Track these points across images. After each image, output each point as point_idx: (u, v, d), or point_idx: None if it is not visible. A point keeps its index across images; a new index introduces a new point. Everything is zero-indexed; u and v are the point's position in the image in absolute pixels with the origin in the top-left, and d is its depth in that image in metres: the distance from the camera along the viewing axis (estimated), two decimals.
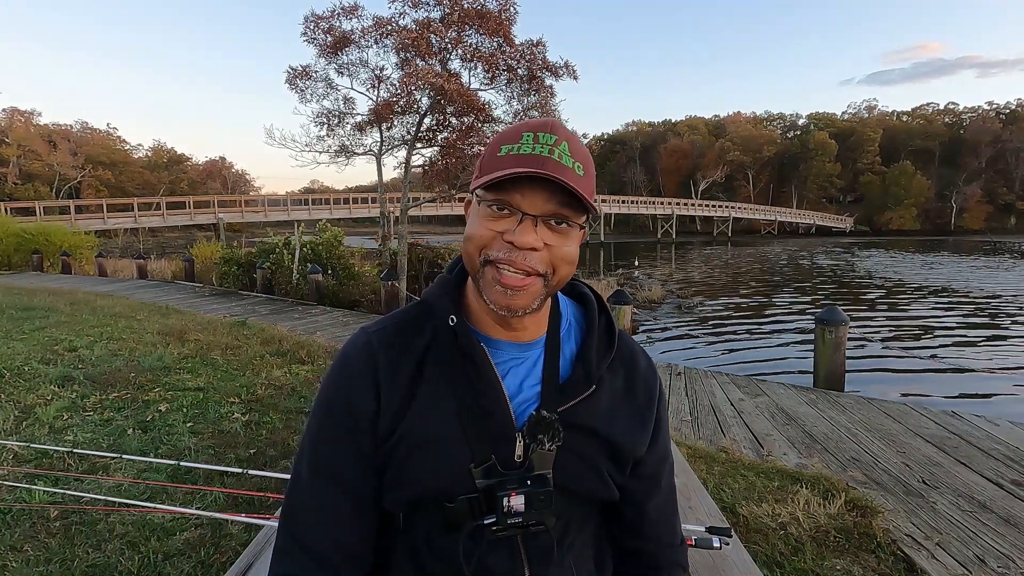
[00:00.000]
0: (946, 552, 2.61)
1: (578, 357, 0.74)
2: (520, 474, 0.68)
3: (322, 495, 0.71)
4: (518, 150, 0.64)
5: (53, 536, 2.52)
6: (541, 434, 0.68)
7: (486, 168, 0.66)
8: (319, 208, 34.81)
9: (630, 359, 0.78)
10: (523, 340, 0.73)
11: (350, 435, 0.70)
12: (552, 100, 11.98)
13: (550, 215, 0.64)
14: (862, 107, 73.92)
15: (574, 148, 0.65)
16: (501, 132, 0.69)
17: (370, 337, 0.73)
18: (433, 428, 0.69)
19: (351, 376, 0.71)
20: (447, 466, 0.68)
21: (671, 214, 49.53)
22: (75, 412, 4.09)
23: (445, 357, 0.70)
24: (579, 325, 0.78)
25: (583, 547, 0.76)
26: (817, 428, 4.36)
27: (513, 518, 0.66)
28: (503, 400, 0.69)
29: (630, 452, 0.75)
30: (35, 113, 54.46)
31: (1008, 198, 58.83)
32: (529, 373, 0.72)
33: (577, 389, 0.71)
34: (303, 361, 5.80)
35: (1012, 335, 10.41)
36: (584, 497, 0.74)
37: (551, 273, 0.66)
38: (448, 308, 0.72)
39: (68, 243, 18.48)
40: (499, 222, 0.64)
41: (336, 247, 12.59)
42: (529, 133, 0.65)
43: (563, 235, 0.65)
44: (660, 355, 8.88)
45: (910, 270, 23.25)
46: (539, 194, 0.63)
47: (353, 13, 11.81)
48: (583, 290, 0.81)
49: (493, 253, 0.64)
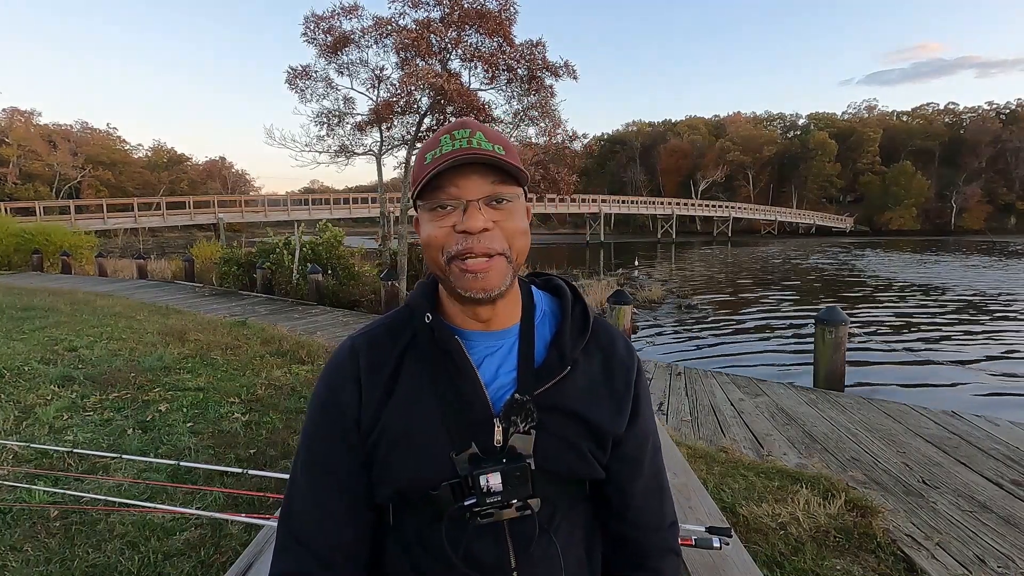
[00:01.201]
0: (946, 552, 2.61)
1: (552, 342, 0.76)
2: (499, 457, 0.70)
3: (318, 493, 0.74)
4: (440, 152, 0.68)
5: (53, 536, 2.52)
6: (515, 416, 0.70)
7: (418, 177, 0.70)
8: (319, 208, 34.78)
9: (608, 342, 0.80)
10: (495, 328, 0.75)
11: (341, 433, 0.74)
12: (552, 100, 12.01)
13: (488, 195, 0.68)
14: (862, 107, 74.06)
15: (490, 135, 0.70)
16: (423, 145, 0.74)
17: (354, 341, 0.78)
18: (413, 421, 0.71)
19: (337, 381, 0.75)
20: (429, 456, 0.70)
21: (671, 214, 49.51)
22: (75, 412, 4.09)
23: (424, 353, 0.74)
24: (554, 315, 0.81)
25: (571, 531, 0.77)
26: (817, 428, 4.36)
27: (492, 497, 0.68)
28: (479, 388, 0.72)
29: (609, 431, 0.76)
30: (35, 113, 54.65)
31: (1008, 198, 58.86)
32: (504, 360, 0.75)
33: (552, 372, 0.73)
34: (303, 361, 5.79)
35: (1008, 330, 10.46)
36: (567, 477, 0.75)
37: (509, 249, 0.70)
38: (425, 307, 0.75)
39: (68, 243, 18.48)
40: (446, 218, 0.68)
41: (336, 247, 12.60)
42: (446, 135, 0.70)
43: (507, 211, 0.69)
44: (660, 355, 8.88)
45: (910, 270, 23.26)
46: (471, 180, 0.68)
47: (353, 13, 11.83)
48: (557, 283, 0.84)
49: (453, 248, 0.68)
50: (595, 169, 68.69)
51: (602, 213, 45.41)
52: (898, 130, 65.99)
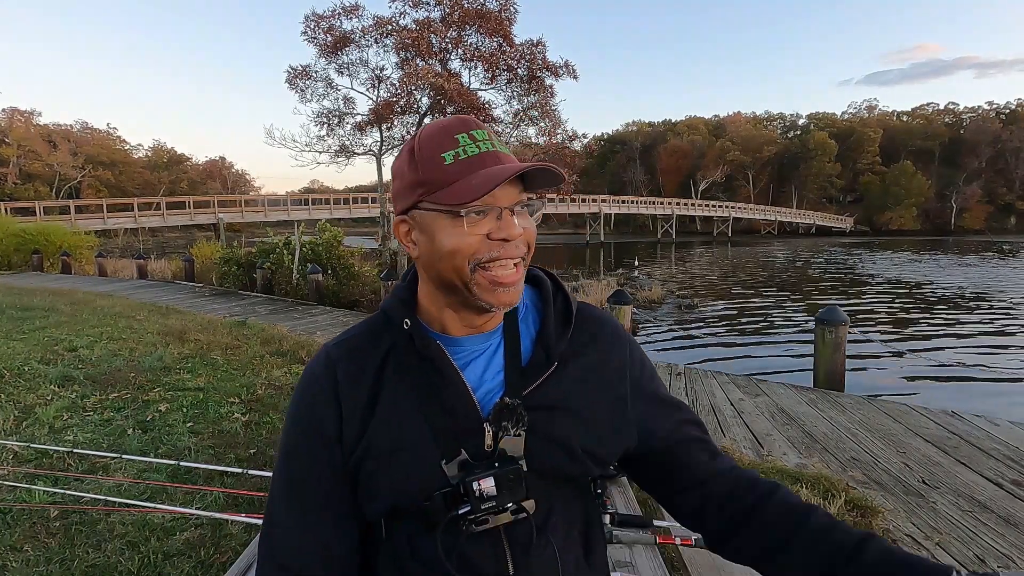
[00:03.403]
0: (946, 552, 2.61)
1: (537, 338, 0.74)
2: (490, 461, 0.68)
3: (298, 512, 0.71)
4: (465, 153, 0.65)
5: (53, 536, 2.51)
6: (505, 421, 0.68)
7: (440, 181, 0.65)
8: (319, 208, 34.78)
9: (594, 328, 0.78)
10: (484, 331, 0.73)
11: (319, 453, 0.71)
12: (552, 100, 12.01)
13: (518, 202, 0.68)
14: (862, 107, 74.04)
15: (493, 136, 0.69)
16: (425, 141, 0.67)
17: (329, 351, 0.74)
18: (399, 434, 0.69)
19: (314, 394, 0.72)
20: (418, 468, 0.68)
21: (671, 214, 49.50)
22: (75, 412, 4.09)
23: (405, 361, 0.71)
24: (535, 307, 0.78)
25: (567, 531, 0.75)
26: (817, 428, 4.35)
27: (487, 503, 0.66)
28: (466, 393, 0.70)
29: (609, 421, 0.74)
30: (35, 113, 54.68)
31: (1008, 198, 58.87)
32: (490, 362, 0.73)
33: (539, 370, 0.72)
34: (303, 361, 5.79)
35: (1008, 331, 10.47)
36: (559, 476, 0.73)
37: (528, 253, 0.70)
38: (402, 313, 0.73)
39: (68, 243, 18.48)
40: (479, 225, 0.66)
41: (336, 247, 12.59)
42: (462, 134, 0.66)
43: (529, 215, 0.70)
44: (660, 355, 8.87)
45: (910, 270, 23.25)
46: (505, 188, 0.66)
47: (353, 13, 11.84)
48: (536, 272, 0.81)
49: (484, 255, 0.65)
50: (595, 169, 68.64)
51: (602, 213, 45.39)
52: (898, 130, 65.99)
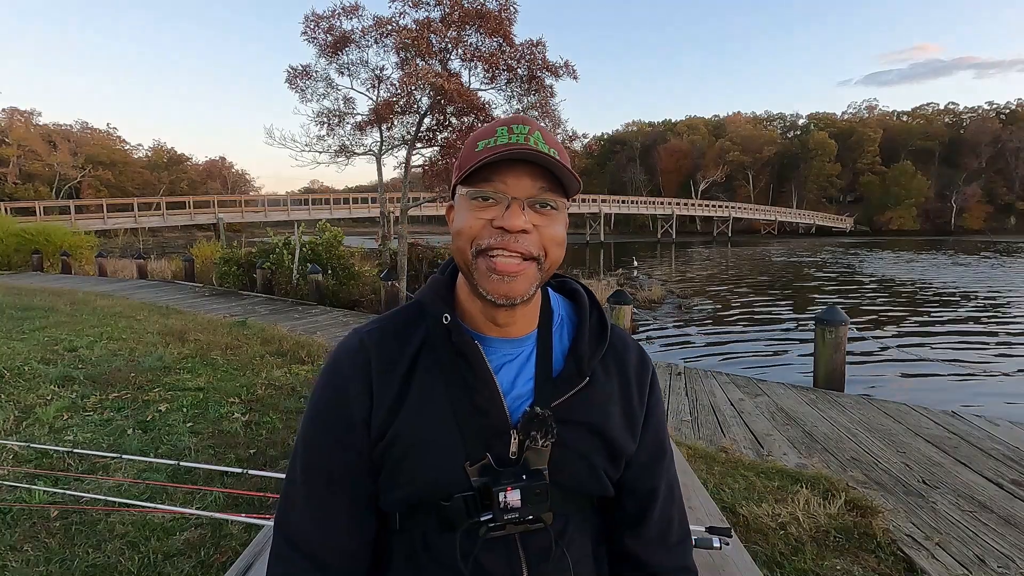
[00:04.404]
0: (946, 552, 2.61)
1: (570, 351, 0.74)
2: (515, 470, 0.67)
3: (317, 498, 0.71)
4: (495, 143, 0.66)
5: (53, 536, 2.51)
6: (535, 431, 0.67)
7: (465, 164, 0.67)
8: (319, 208, 34.80)
9: (622, 351, 0.78)
10: (513, 336, 0.73)
11: (344, 437, 0.70)
12: (552, 100, 11.99)
13: (535, 198, 0.66)
14: (862, 107, 74.01)
15: (547, 137, 0.67)
16: (474, 134, 0.70)
17: (362, 337, 0.73)
18: (427, 427, 0.68)
19: (344, 378, 0.71)
20: (442, 465, 0.68)
21: (671, 214, 49.49)
22: (75, 412, 4.09)
23: (439, 356, 0.70)
24: (571, 321, 0.78)
25: (582, 545, 0.75)
26: (817, 428, 4.35)
27: (510, 514, 0.66)
28: (497, 397, 0.69)
29: (622, 446, 0.74)
30: (35, 113, 54.61)
31: (1008, 198, 58.80)
32: (522, 369, 0.72)
33: (570, 383, 0.71)
34: (303, 361, 5.79)
35: (1006, 330, 10.47)
36: (579, 492, 0.73)
37: (543, 256, 0.67)
38: (441, 307, 0.72)
39: (68, 243, 18.49)
40: (487, 210, 0.65)
41: (336, 247, 12.60)
42: (503, 127, 0.67)
43: (550, 217, 0.67)
44: (660, 355, 8.88)
45: (909, 269, 23.25)
46: (523, 178, 0.65)
47: (353, 13, 11.81)
48: (574, 286, 0.81)
49: (485, 241, 0.65)
50: (595, 169, 68.73)
51: (602, 213, 45.38)
52: (898, 130, 65.94)
